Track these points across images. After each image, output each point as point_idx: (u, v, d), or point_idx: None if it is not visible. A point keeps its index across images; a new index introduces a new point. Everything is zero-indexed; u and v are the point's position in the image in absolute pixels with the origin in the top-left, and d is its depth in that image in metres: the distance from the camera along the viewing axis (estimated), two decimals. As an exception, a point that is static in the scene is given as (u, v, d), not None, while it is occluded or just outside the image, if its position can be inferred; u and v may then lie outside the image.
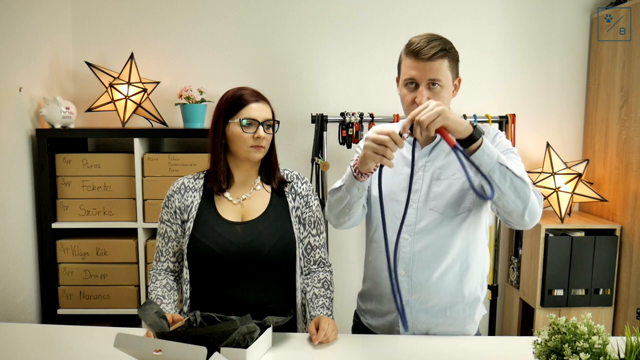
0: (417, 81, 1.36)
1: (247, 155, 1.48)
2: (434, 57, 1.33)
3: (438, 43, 1.34)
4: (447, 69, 1.36)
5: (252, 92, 1.50)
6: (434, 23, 2.64)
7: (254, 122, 1.46)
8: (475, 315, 1.50)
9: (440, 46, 1.34)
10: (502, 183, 1.25)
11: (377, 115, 2.51)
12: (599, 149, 2.60)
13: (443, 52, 1.34)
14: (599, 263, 2.42)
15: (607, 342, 1.04)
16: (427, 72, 1.34)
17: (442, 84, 1.36)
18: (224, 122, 1.48)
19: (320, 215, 1.60)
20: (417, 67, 1.35)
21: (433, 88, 1.36)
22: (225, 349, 1.19)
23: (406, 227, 1.43)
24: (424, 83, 1.35)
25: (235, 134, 1.46)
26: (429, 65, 1.34)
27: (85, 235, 2.40)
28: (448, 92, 1.38)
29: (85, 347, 1.39)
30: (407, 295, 1.45)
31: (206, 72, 2.65)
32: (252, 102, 1.47)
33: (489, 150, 1.23)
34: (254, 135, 1.45)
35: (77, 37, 2.63)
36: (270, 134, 1.50)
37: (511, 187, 1.26)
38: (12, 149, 2.17)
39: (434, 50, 1.33)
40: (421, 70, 1.35)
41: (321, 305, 1.50)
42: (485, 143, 1.23)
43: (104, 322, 2.38)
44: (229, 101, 1.48)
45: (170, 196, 1.53)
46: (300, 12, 2.65)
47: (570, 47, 2.69)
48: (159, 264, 1.55)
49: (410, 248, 1.44)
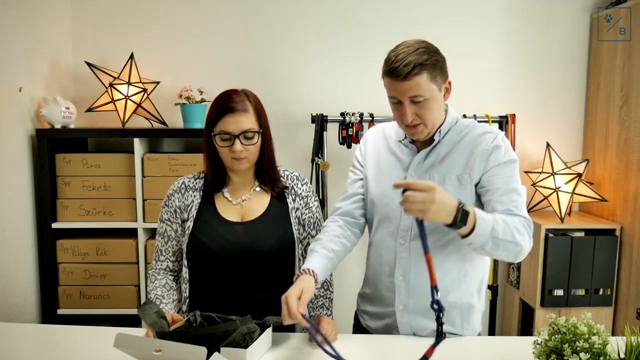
0: (399, 99, 1.34)
1: (231, 166, 1.48)
2: (408, 76, 1.28)
3: (412, 59, 1.28)
4: (427, 82, 1.30)
5: (235, 101, 1.42)
6: (434, 22, 2.64)
7: (229, 135, 1.41)
8: (472, 320, 1.48)
9: (414, 62, 1.28)
10: (494, 252, 1.27)
11: (377, 115, 2.51)
12: (599, 149, 2.60)
13: (418, 67, 1.28)
14: (599, 263, 2.42)
15: (607, 342, 1.04)
16: (406, 91, 1.31)
17: (425, 97, 1.31)
18: (208, 131, 1.46)
19: (320, 216, 1.59)
20: (395, 87, 1.32)
21: (417, 103, 1.33)
22: (225, 349, 1.19)
23: (402, 232, 1.43)
24: (406, 101, 1.32)
25: (217, 146, 1.45)
26: (406, 84, 1.29)
27: (85, 235, 2.40)
28: (434, 101, 1.34)
29: (85, 347, 1.39)
30: (405, 299, 1.44)
31: (206, 72, 2.65)
32: (228, 114, 1.40)
33: (482, 229, 1.22)
34: (230, 149, 1.42)
35: (77, 37, 2.63)
36: (251, 144, 1.43)
37: (503, 251, 1.28)
38: (12, 149, 2.17)
39: (407, 69, 1.27)
40: (399, 90, 1.32)
41: (321, 306, 1.51)
42: (478, 225, 1.20)
43: (104, 322, 2.38)
44: (211, 111, 1.45)
45: (171, 195, 1.53)
46: (300, 12, 2.65)
47: (570, 47, 2.69)
48: (158, 264, 1.55)
49: (406, 253, 1.43)
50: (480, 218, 1.21)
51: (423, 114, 1.34)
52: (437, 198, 1.15)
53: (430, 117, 1.36)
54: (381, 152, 1.51)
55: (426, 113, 1.34)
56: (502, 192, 1.34)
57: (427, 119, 1.35)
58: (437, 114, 1.37)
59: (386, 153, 1.50)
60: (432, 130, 1.40)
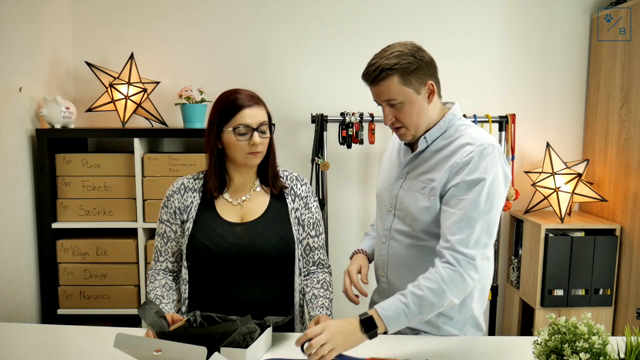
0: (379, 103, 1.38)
1: (245, 162, 1.46)
2: (376, 81, 1.32)
3: (381, 63, 1.30)
4: (398, 85, 1.30)
5: (246, 95, 1.44)
6: (434, 23, 2.63)
7: (249, 128, 1.42)
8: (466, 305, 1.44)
9: (381, 67, 1.29)
10: (424, 319, 1.29)
11: (377, 115, 2.51)
12: (599, 149, 2.60)
13: (386, 71, 1.29)
14: (599, 263, 2.42)
15: (607, 342, 1.04)
16: (380, 95, 1.34)
17: (399, 100, 1.32)
18: (218, 128, 1.44)
19: (319, 216, 1.59)
20: (371, 92, 1.37)
21: (395, 106, 1.34)
22: (225, 349, 1.19)
23: (384, 230, 1.48)
24: (383, 104, 1.36)
25: (231, 141, 1.43)
26: (377, 89, 1.33)
27: (85, 235, 2.40)
28: (412, 105, 1.33)
29: (85, 347, 1.39)
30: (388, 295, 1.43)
31: (206, 72, 2.65)
32: (245, 107, 1.42)
33: (394, 322, 1.23)
34: (250, 143, 1.42)
35: (77, 37, 2.63)
36: (266, 138, 1.46)
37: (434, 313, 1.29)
38: (12, 149, 2.17)
39: (375, 74, 1.30)
40: (374, 94, 1.36)
41: (320, 306, 1.51)
42: (388, 324, 1.23)
43: (104, 322, 2.38)
44: (222, 107, 1.43)
45: (170, 196, 1.53)
46: (300, 12, 2.65)
47: (570, 47, 2.69)
48: (157, 264, 1.55)
49: (385, 251, 1.48)
50: (385, 316, 1.23)
51: (401, 117, 1.35)
52: (335, 330, 1.19)
53: (410, 121, 1.35)
54: (394, 151, 1.55)
55: (404, 116, 1.35)
56: (454, 221, 1.28)
57: (407, 122, 1.35)
58: (417, 117, 1.35)
59: (395, 153, 1.53)
60: (417, 133, 1.38)
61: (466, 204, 1.28)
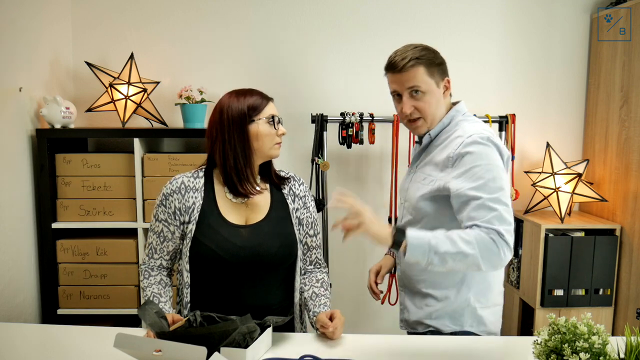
0: (399, 92, 1.44)
1: (270, 152, 1.49)
2: (405, 67, 1.40)
3: (410, 53, 1.41)
4: (424, 75, 1.41)
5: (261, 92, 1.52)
6: (434, 23, 2.64)
7: (278, 119, 1.49)
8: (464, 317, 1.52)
9: (410, 56, 1.40)
10: (444, 266, 1.25)
11: (377, 115, 2.51)
12: (599, 149, 2.60)
13: (414, 60, 1.40)
14: (599, 263, 2.42)
15: (607, 342, 1.04)
16: (404, 82, 1.42)
17: (423, 89, 1.42)
18: (248, 119, 1.44)
19: (316, 215, 1.61)
20: (395, 80, 1.45)
21: (415, 95, 1.42)
22: (225, 349, 1.19)
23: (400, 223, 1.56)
24: (405, 93, 1.43)
25: (262, 131, 1.45)
26: (404, 76, 1.41)
27: (85, 235, 2.40)
28: (432, 96, 1.43)
29: (85, 347, 1.39)
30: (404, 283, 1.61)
31: (206, 72, 2.65)
32: (270, 100, 1.50)
33: (418, 246, 1.23)
34: (278, 133, 1.48)
35: (77, 37, 2.63)
36: None
37: (458, 264, 1.25)
38: (12, 149, 2.17)
39: (404, 62, 1.40)
40: (398, 82, 1.44)
41: (323, 304, 1.50)
42: (410, 244, 1.22)
43: (104, 322, 2.38)
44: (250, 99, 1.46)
45: (169, 195, 1.48)
46: (300, 12, 2.65)
47: (570, 47, 2.69)
48: (151, 261, 1.52)
49: None
50: (411, 235, 1.24)
51: (421, 107, 1.43)
52: (372, 215, 1.26)
53: (429, 111, 1.44)
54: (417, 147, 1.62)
55: (424, 106, 1.43)
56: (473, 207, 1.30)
57: (426, 112, 1.44)
58: (435, 108, 1.44)
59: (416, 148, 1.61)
60: (432, 125, 1.47)
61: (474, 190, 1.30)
